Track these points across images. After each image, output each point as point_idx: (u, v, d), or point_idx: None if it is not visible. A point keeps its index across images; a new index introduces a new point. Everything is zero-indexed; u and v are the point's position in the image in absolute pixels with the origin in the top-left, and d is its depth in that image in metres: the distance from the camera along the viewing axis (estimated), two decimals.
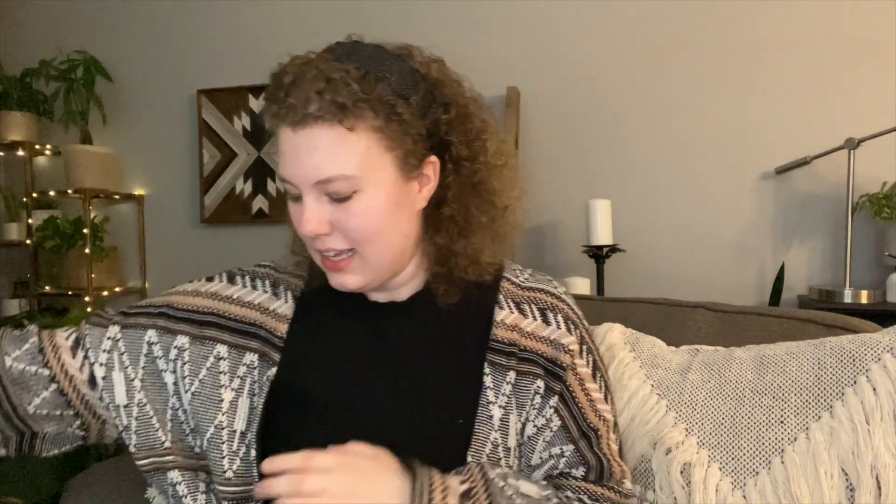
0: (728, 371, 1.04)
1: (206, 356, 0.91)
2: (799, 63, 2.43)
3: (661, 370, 1.09)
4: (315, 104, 0.77)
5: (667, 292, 1.63)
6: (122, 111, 3.20)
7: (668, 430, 1.00)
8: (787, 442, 0.94)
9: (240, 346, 0.92)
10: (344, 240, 0.83)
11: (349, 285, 0.87)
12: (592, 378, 0.93)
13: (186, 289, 0.98)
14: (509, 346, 0.91)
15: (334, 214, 0.82)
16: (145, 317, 0.94)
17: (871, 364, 0.94)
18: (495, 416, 0.88)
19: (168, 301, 0.96)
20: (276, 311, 0.95)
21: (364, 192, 0.81)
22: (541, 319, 0.94)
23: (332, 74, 0.77)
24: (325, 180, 0.79)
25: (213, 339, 0.92)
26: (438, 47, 0.98)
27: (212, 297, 0.96)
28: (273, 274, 1.01)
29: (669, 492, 0.96)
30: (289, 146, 0.80)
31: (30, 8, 3.31)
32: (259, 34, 3.00)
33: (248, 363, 0.91)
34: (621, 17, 2.59)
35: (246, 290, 0.97)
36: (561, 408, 0.90)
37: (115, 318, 0.94)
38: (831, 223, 2.42)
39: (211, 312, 0.94)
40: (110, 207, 3.26)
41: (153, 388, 0.91)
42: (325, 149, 0.78)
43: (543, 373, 0.90)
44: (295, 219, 0.86)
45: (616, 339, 1.16)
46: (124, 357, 0.91)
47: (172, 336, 0.92)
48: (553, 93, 2.68)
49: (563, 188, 2.68)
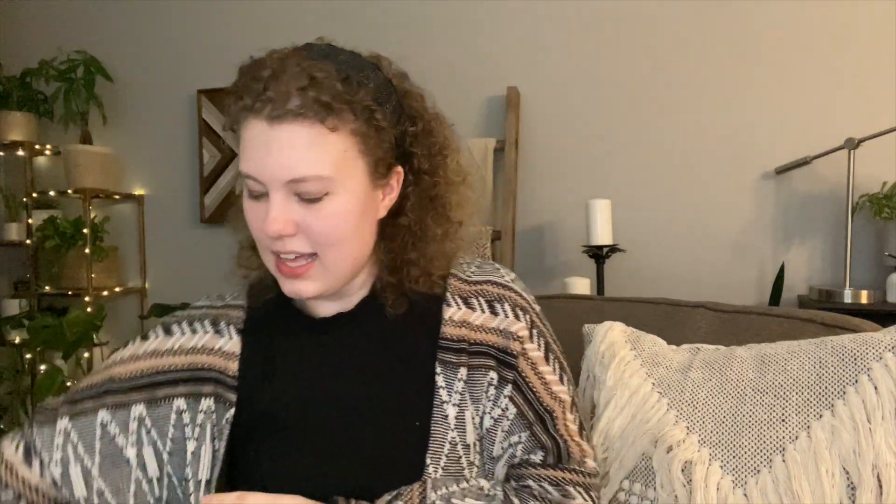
0: (729, 369, 1.04)
1: (167, 415, 0.90)
2: (799, 63, 2.43)
3: (662, 368, 1.09)
4: (297, 100, 0.75)
5: (667, 292, 1.63)
6: (122, 111, 3.20)
7: (669, 428, 1.00)
8: (789, 440, 0.94)
9: (195, 395, 0.91)
10: (307, 243, 0.81)
11: (305, 293, 0.84)
12: (545, 360, 0.92)
13: (123, 356, 0.95)
14: (458, 343, 0.90)
15: (301, 215, 0.80)
16: (91, 400, 0.91)
17: (873, 363, 0.94)
18: (450, 414, 0.87)
19: (109, 375, 0.93)
20: (223, 350, 0.93)
21: (335, 195, 0.80)
22: (489, 311, 0.92)
23: (315, 73, 0.76)
24: (299, 179, 0.77)
25: (169, 397, 0.91)
26: (439, 47, 0.99)
27: (152, 357, 0.94)
28: (211, 311, 0.98)
29: (670, 490, 0.96)
30: (260, 141, 0.77)
31: (30, 8, 3.31)
32: (259, 34, 3.00)
33: (206, 409, 0.90)
34: (621, 18, 2.59)
35: (186, 337, 0.95)
36: (515, 395, 0.89)
37: (61, 410, 0.91)
38: (831, 223, 2.42)
39: (156, 372, 0.92)
40: (110, 207, 3.26)
41: (113, 470, 0.89)
42: (303, 147, 0.77)
43: (496, 364, 0.89)
44: (254, 218, 0.82)
45: (617, 337, 1.16)
46: (79, 448, 0.89)
47: (126, 409, 0.90)
48: (553, 93, 2.68)
49: (563, 188, 2.68)
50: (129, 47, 3.19)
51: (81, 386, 0.94)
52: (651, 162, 2.59)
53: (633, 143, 2.61)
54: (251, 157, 0.78)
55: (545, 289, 2.65)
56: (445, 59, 2.74)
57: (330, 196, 0.79)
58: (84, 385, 0.94)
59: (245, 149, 0.79)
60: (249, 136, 0.78)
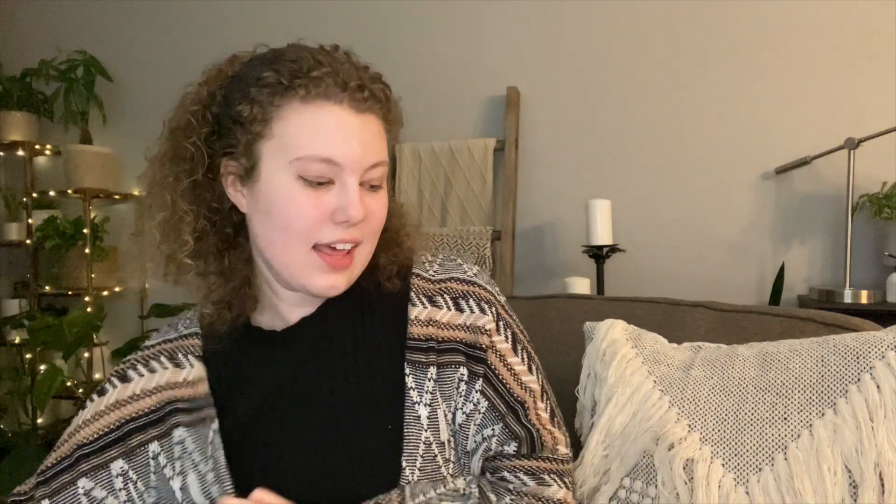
0: (731, 368, 1.04)
1: (146, 463, 0.88)
2: (799, 63, 2.43)
3: (664, 366, 1.09)
4: (376, 94, 0.82)
5: (667, 292, 1.63)
6: (122, 111, 3.20)
7: (671, 426, 1.00)
8: (791, 439, 0.94)
9: (166, 433, 0.89)
10: (364, 230, 0.85)
11: (338, 287, 0.85)
12: (513, 352, 0.93)
13: (86, 418, 0.90)
14: (426, 342, 0.89)
15: (366, 202, 0.83)
16: (66, 472, 0.87)
17: (875, 361, 0.94)
18: (422, 415, 0.86)
19: (76, 442, 0.88)
20: (187, 380, 0.91)
21: (384, 184, 0.87)
22: (455, 309, 0.92)
23: (373, 71, 0.84)
24: (376, 164, 0.83)
25: (142, 444, 0.89)
26: (439, 47, 1.02)
27: (115, 408, 0.90)
28: (166, 347, 0.96)
29: (672, 487, 0.96)
30: (343, 126, 0.80)
31: (30, 8, 3.31)
32: (259, 34, 2.99)
33: (179, 439, 0.88)
34: (621, 18, 2.60)
35: (145, 379, 0.92)
36: (486, 388, 0.89)
37: (38, 494, 0.86)
38: (831, 223, 2.42)
39: (125, 421, 0.89)
40: (110, 207, 3.26)
41: None
42: (377, 135, 0.84)
43: (465, 359, 0.90)
44: (311, 206, 0.80)
45: (618, 335, 1.16)
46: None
47: (106, 469, 0.87)
48: (553, 93, 2.68)
49: (563, 188, 2.68)
50: (129, 47, 3.19)
51: (50, 462, 0.88)
52: (651, 162, 2.59)
53: (633, 143, 2.61)
54: (332, 141, 0.79)
55: (545, 289, 2.66)
56: (445, 59, 2.74)
57: (384, 184, 0.87)
58: (52, 460, 0.88)
59: (319, 133, 0.79)
60: (326, 122, 0.79)
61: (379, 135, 0.84)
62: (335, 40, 0.87)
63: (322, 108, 0.79)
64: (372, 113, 0.83)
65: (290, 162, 0.79)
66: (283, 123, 0.79)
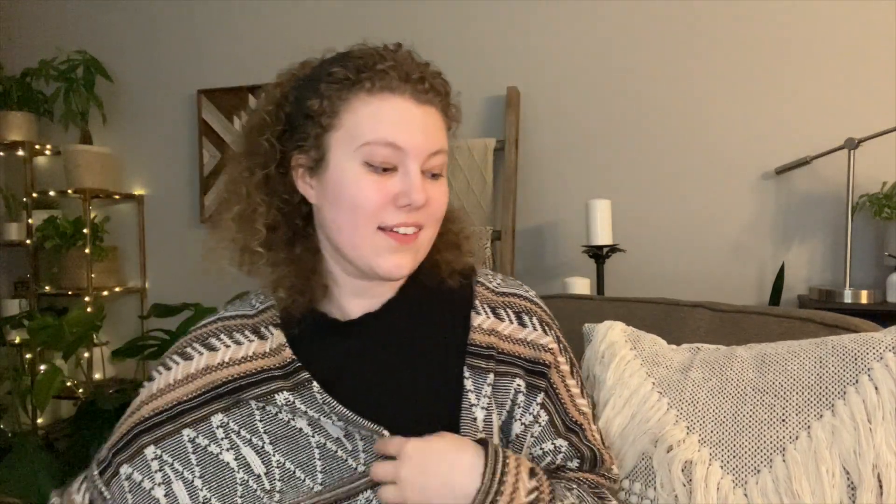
0: (729, 369, 1.04)
1: (250, 413, 0.89)
2: (799, 63, 2.43)
3: (662, 368, 1.09)
4: (436, 88, 0.88)
5: (667, 292, 1.63)
6: (122, 111, 3.20)
7: (670, 427, 1.00)
8: (789, 440, 0.94)
9: (265, 395, 0.90)
10: (426, 215, 0.88)
11: (403, 267, 0.88)
12: (571, 375, 0.97)
13: (177, 377, 0.93)
14: (487, 350, 0.93)
15: (427, 189, 0.87)
16: (169, 423, 0.89)
17: (874, 363, 0.94)
18: (479, 417, 0.89)
19: (173, 397, 0.91)
20: (272, 349, 0.93)
21: (444, 174, 0.92)
22: (517, 322, 0.97)
23: (434, 68, 0.90)
24: (438, 151, 0.88)
25: (240, 401, 0.90)
26: (439, 47, 1.04)
27: (206, 373, 0.93)
28: (248, 322, 0.98)
29: (670, 489, 0.96)
30: (407, 115, 0.85)
31: (30, 8, 3.31)
32: (259, 34, 3.00)
33: (284, 402, 0.89)
34: (621, 18, 2.59)
35: (232, 350, 0.94)
36: (547, 403, 0.93)
37: (141, 442, 0.88)
38: (831, 223, 2.42)
39: (215, 386, 0.91)
40: (110, 207, 3.26)
41: (216, 478, 0.87)
42: (437, 126, 0.89)
43: (524, 373, 0.93)
44: (376, 190, 0.85)
45: (617, 336, 1.16)
46: (175, 465, 0.87)
47: (206, 421, 0.89)
48: (553, 93, 2.68)
49: (563, 188, 2.68)
50: (129, 47, 3.19)
51: (144, 415, 0.90)
52: (651, 162, 2.59)
53: (633, 143, 2.60)
54: (396, 128, 0.85)
55: (545, 289, 2.65)
56: (445, 59, 2.71)
57: (444, 174, 0.91)
58: (148, 412, 0.90)
59: (383, 120, 0.85)
60: (389, 110, 0.85)
61: (439, 126, 0.89)
62: (335, 41, 0.92)
63: (386, 99, 0.85)
64: (432, 105, 0.88)
65: (357, 149, 0.85)
66: (351, 114, 0.85)
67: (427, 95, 0.87)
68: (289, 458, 0.87)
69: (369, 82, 0.84)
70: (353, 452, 0.87)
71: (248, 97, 2.99)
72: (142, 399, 0.93)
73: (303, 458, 0.87)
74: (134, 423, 0.90)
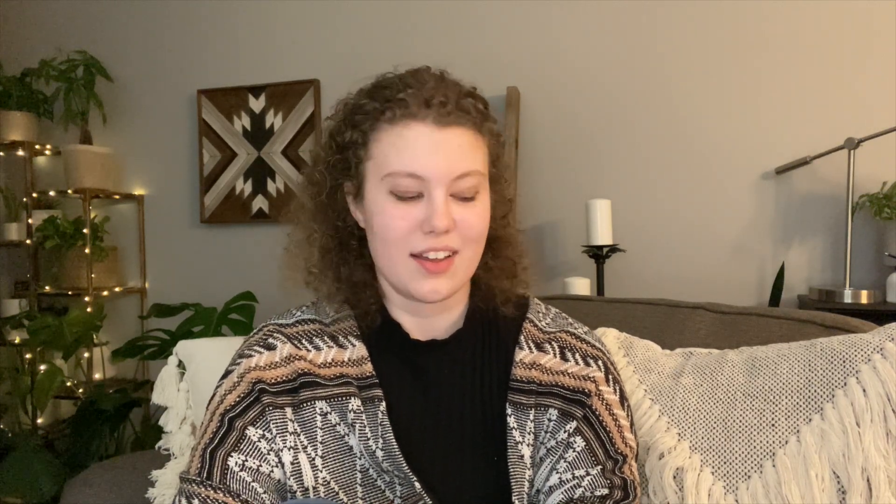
0: (720, 374, 1.03)
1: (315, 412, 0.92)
2: (799, 63, 2.42)
3: (655, 374, 1.08)
4: (461, 106, 0.86)
5: (667, 292, 1.63)
6: (122, 111, 3.21)
7: (661, 434, 1.00)
8: (779, 445, 0.93)
9: (341, 398, 0.92)
10: (458, 239, 0.87)
11: (441, 291, 0.88)
12: (620, 405, 0.94)
13: (260, 364, 0.94)
14: (528, 384, 0.93)
15: (457, 213, 0.86)
16: (305, 389, 0.92)
17: (861, 365, 0.93)
18: (525, 454, 0.91)
19: (294, 368, 0.93)
20: (352, 359, 0.95)
21: (482, 195, 0.89)
22: (559, 357, 0.96)
23: (464, 87, 0.90)
24: (464, 174, 0.85)
25: (311, 399, 0.92)
26: (439, 47, 1.04)
27: (294, 361, 0.95)
28: (326, 329, 0.99)
29: (663, 497, 0.96)
30: (426, 141, 0.85)
31: (30, 8, 3.32)
32: (259, 34, 3.00)
33: (354, 408, 0.91)
34: (621, 18, 2.59)
35: (312, 354, 0.96)
36: (586, 430, 0.91)
37: (278, 402, 0.90)
38: (831, 223, 2.41)
39: (299, 374, 0.93)
40: (110, 207, 3.27)
41: (337, 461, 0.91)
42: (467, 147, 0.87)
43: (561, 402, 0.92)
44: (401, 218, 0.86)
45: (610, 343, 1.16)
46: (301, 438, 0.90)
47: (345, 400, 0.92)
48: (553, 93, 2.68)
49: (563, 188, 2.67)
50: (129, 47, 3.20)
51: (270, 380, 0.91)
52: (651, 162, 2.58)
53: (633, 143, 2.60)
54: (416, 157, 0.85)
55: (545, 289, 2.65)
56: (445, 59, 2.69)
57: (480, 195, 0.89)
58: (272, 377, 0.92)
59: (404, 150, 0.85)
60: (411, 138, 0.85)
61: (468, 146, 0.87)
62: (334, 41, 0.90)
63: (408, 126, 0.85)
64: (460, 126, 0.86)
65: (382, 179, 0.86)
66: (378, 145, 0.87)
67: (450, 118, 0.85)
68: (334, 477, 0.90)
69: (391, 112, 0.86)
70: (390, 484, 0.90)
71: (247, 97, 2.99)
72: (241, 371, 0.93)
73: (345, 479, 0.90)
74: (252, 389, 0.91)
